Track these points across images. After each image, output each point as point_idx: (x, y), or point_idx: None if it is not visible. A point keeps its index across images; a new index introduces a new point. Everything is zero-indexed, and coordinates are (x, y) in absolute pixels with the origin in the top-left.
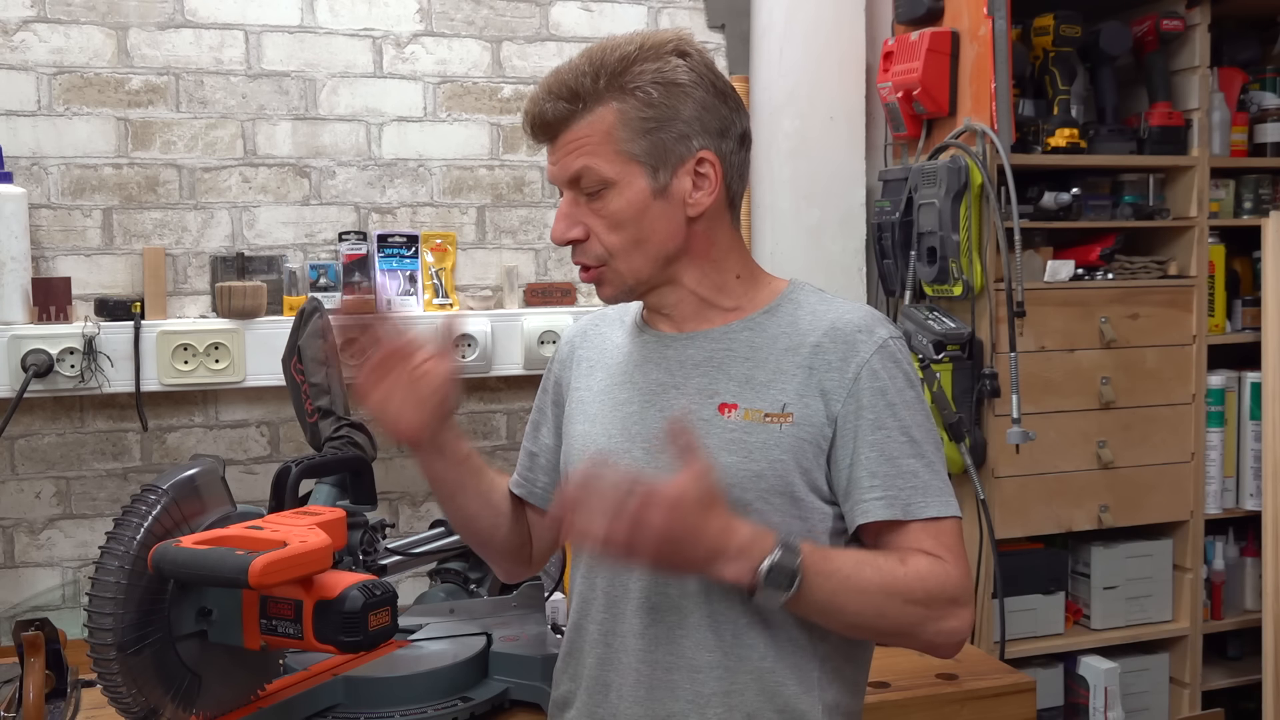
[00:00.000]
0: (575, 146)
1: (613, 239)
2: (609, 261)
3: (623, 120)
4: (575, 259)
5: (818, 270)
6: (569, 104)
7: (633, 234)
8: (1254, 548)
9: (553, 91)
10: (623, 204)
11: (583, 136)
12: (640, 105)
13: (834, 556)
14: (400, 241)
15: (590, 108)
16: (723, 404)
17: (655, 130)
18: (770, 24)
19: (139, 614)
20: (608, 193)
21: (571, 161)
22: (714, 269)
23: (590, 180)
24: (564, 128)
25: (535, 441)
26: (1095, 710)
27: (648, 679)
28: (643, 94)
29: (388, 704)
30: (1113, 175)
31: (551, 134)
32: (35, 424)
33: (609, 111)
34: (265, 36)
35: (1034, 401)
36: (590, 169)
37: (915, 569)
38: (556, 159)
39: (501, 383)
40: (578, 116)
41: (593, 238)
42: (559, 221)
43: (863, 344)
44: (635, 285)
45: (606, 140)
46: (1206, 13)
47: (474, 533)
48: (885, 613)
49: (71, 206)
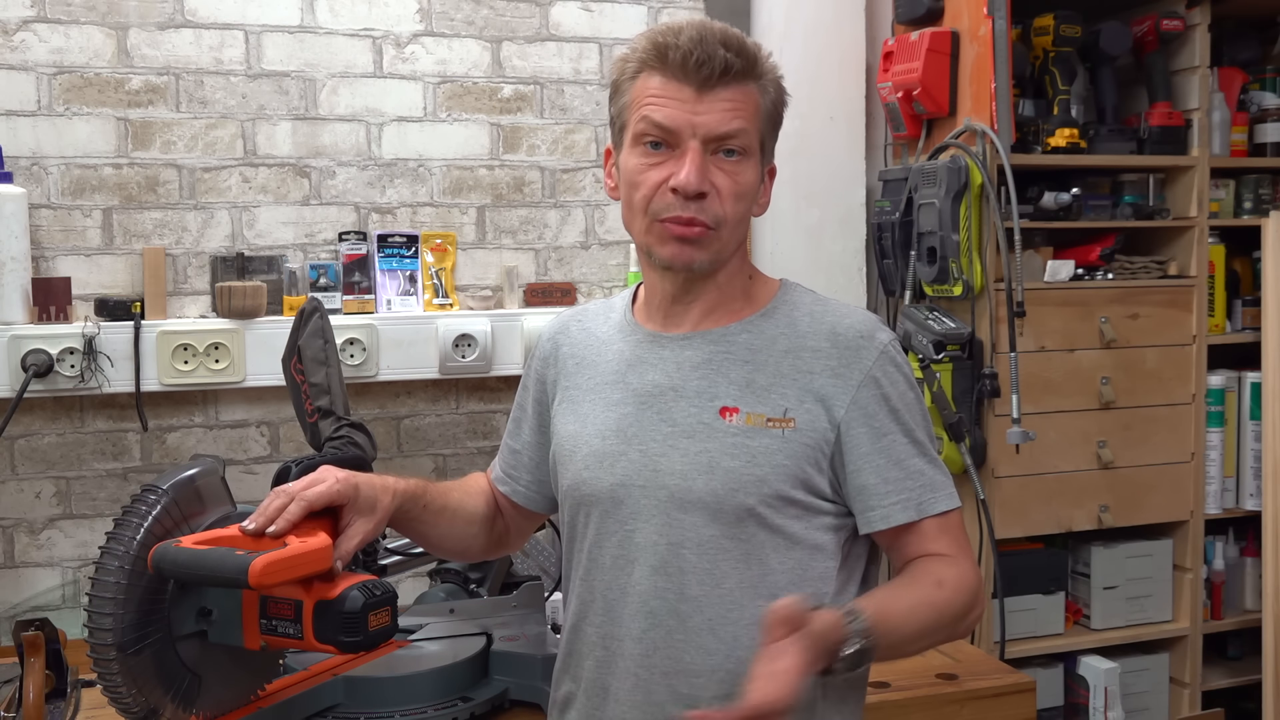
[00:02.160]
0: (735, 105)
1: (733, 207)
2: (720, 227)
3: (767, 104)
4: (687, 213)
5: (818, 270)
6: (743, 61)
7: (745, 209)
8: (1254, 548)
9: (728, 45)
10: (751, 178)
11: (743, 99)
12: (775, 100)
13: (891, 613)
14: (400, 241)
15: (756, 77)
16: (724, 408)
17: (774, 127)
18: (770, 24)
19: (139, 614)
20: (745, 161)
21: (730, 118)
22: (739, 269)
23: (740, 143)
24: (729, 82)
25: (517, 438)
26: (1095, 710)
27: (645, 683)
28: (776, 90)
29: (388, 704)
30: (1113, 175)
31: (709, 81)
32: (35, 424)
33: (759, 91)
34: (265, 36)
35: (1034, 401)
36: (746, 132)
37: (951, 586)
38: (707, 109)
39: (501, 383)
40: (744, 79)
41: (714, 197)
42: (695, 170)
43: (865, 350)
44: (721, 260)
45: (757, 114)
46: (1206, 13)
47: (448, 552)
48: (935, 639)
49: (71, 206)
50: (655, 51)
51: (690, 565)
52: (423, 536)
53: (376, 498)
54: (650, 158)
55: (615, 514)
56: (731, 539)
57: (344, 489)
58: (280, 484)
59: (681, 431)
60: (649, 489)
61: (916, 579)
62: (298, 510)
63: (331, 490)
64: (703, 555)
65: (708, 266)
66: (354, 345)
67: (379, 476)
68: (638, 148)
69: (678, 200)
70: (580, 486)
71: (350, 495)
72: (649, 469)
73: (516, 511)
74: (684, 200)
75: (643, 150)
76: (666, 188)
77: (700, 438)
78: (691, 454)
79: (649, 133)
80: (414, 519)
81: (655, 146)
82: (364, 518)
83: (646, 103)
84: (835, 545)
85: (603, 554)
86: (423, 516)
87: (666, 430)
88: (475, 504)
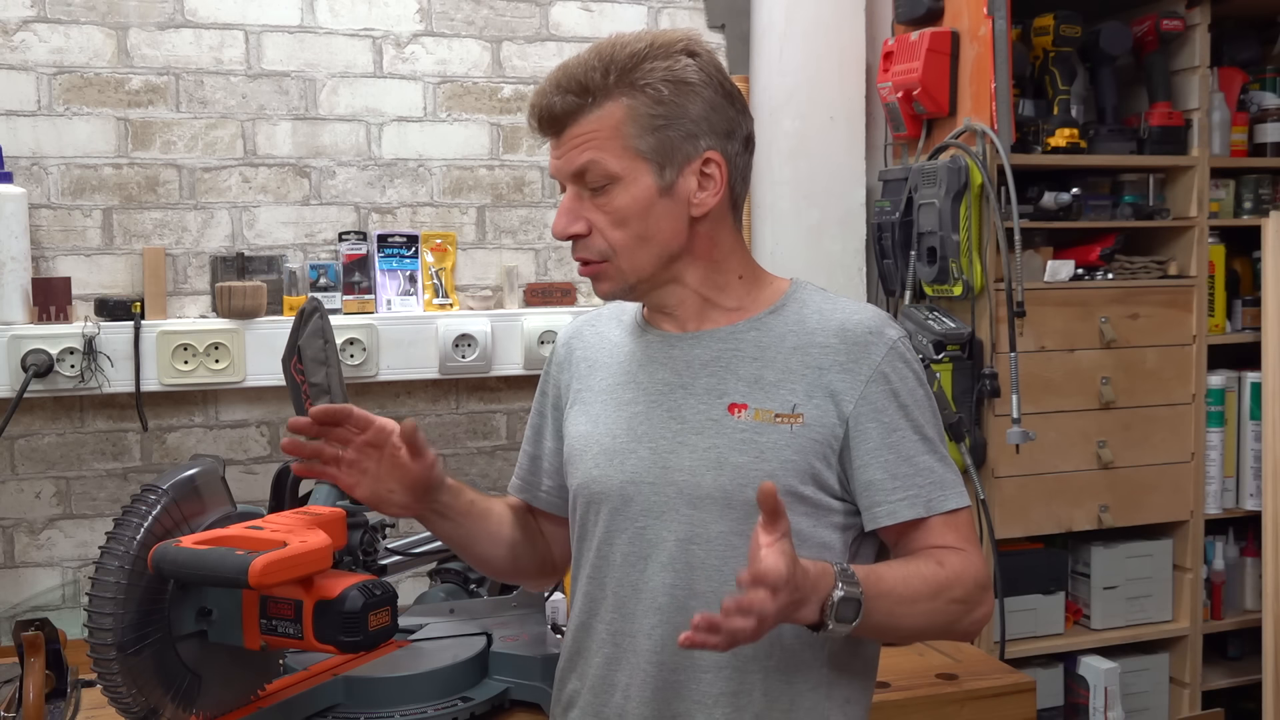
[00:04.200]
0: (582, 141)
1: (616, 235)
2: (611, 258)
3: (631, 116)
4: (576, 254)
5: (818, 270)
6: (578, 98)
7: (636, 231)
8: (1254, 548)
9: (561, 85)
10: (628, 200)
11: (590, 131)
12: (650, 102)
13: (884, 575)
14: (400, 241)
15: (599, 102)
16: (732, 404)
17: (664, 128)
18: (770, 24)
19: (139, 614)
20: (613, 188)
21: (577, 156)
22: (715, 269)
23: (596, 175)
24: (571, 122)
25: (537, 445)
26: (1095, 710)
27: (654, 679)
28: (652, 91)
29: (388, 704)
30: (1113, 175)
31: (558, 128)
32: (35, 424)
33: (618, 107)
34: (265, 36)
35: (1034, 401)
36: (597, 163)
37: (952, 569)
38: (561, 153)
39: (501, 383)
40: (586, 111)
41: (595, 233)
42: (561, 216)
43: (874, 346)
44: (636, 283)
45: (614, 136)
46: (1206, 13)
47: (495, 570)
48: (934, 619)
49: (71, 206)
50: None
51: (699, 561)
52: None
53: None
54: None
55: (625, 511)
56: (740, 535)
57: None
58: (280, 484)
59: (691, 428)
60: (659, 485)
61: (917, 557)
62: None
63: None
64: (712, 551)
65: (622, 295)
66: (354, 345)
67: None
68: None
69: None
70: (590, 484)
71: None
72: (659, 466)
73: (549, 523)
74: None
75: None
76: None
77: (709, 434)
78: (701, 450)
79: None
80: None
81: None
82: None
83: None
84: (843, 544)
85: (613, 551)
86: (477, 530)
87: (676, 427)
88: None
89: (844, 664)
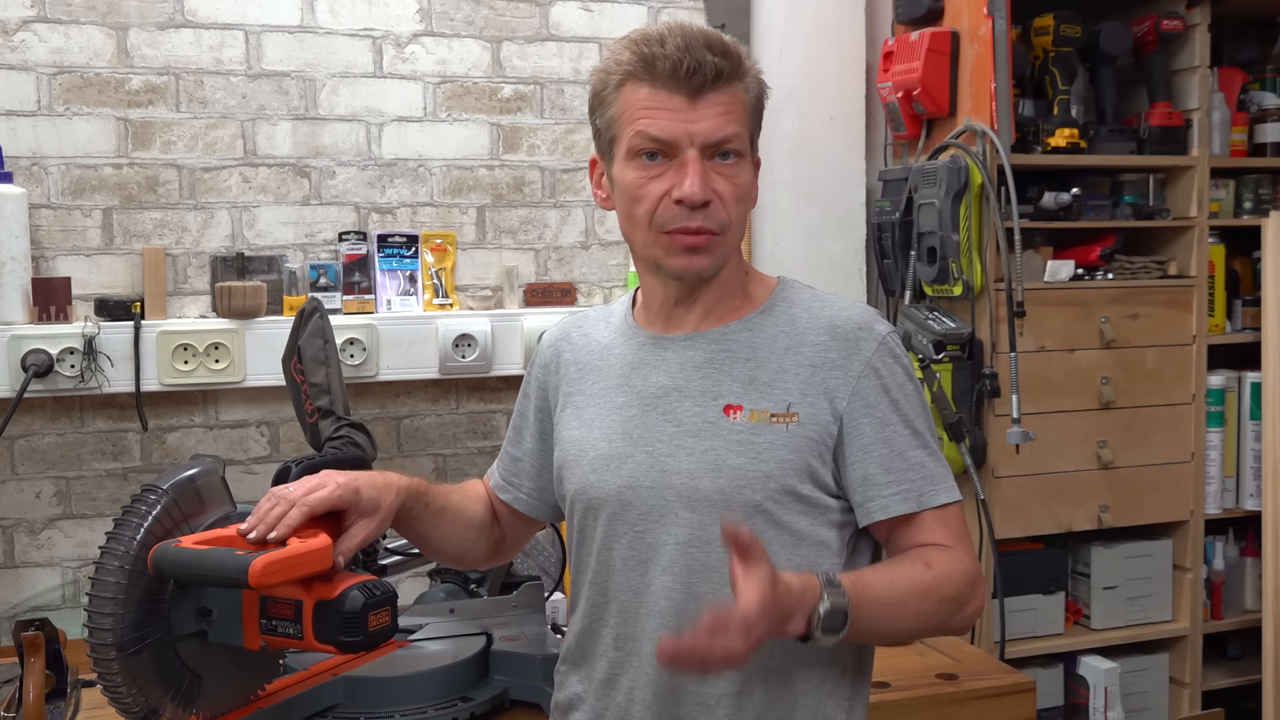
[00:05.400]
0: (727, 109)
1: (736, 210)
2: (725, 231)
3: (756, 100)
4: (694, 223)
5: (818, 270)
6: (730, 64)
7: (746, 209)
8: (1254, 548)
9: (710, 47)
10: (749, 178)
11: (733, 101)
12: (757, 95)
13: (871, 582)
14: (400, 241)
15: (740, 76)
16: (728, 405)
17: (759, 122)
18: (770, 24)
19: (139, 614)
20: (741, 163)
21: (725, 123)
22: (737, 267)
23: (736, 146)
24: (717, 86)
25: (518, 446)
26: (1095, 710)
27: (657, 682)
28: (758, 85)
29: (388, 704)
30: (1113, 175)
31: (701, 89)
32: (35, 424)
33: (744, 90)
34: (265, 36)
35: (1034, 401)
36: (740, 136)
37: (941, 569)
38: (701, 116)
39: (501, 383)
40: (731, 81)
41: (717, 204)
42: (698, 181)
43: (864, 341)
44: (724, 264)
45: (747, 114)
46: (1206, 13)
47: (446, 556)
48: (924, 620)
49: (71, 206)
50: (641, 62)
51: (700, 564)
52: (422, 537)
53: (379, 498)
54: (648, 170)
55: (624, 516)
56: None
57: (345, 494)
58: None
59: (687, 431)
60: (657, 489)
61: (904, 558)
62: (298, 516)
63: (333, 495)
64: (712, 553)
65: (716, 271)
66: (354, 345)
67: (381, 474)
68: (634, 161)
69: (683, 211)
70: (588, 490)
71: (351, 500)
72: (656, 470)
73: (515, 519)
74: (689, 210)
75: (639, 164)
76: (670, 199)
77: (706, 436)
78: (698, 453)
79: (645, 146)
80: (415, 517)
81: (652, 158)
82: (366, 519)
83: (639, 115)
84: (840, 542)
85: (613, 556)
86: (424, 515)
87: (672, 431)
88: (475, 509)
89: (845, 663)
